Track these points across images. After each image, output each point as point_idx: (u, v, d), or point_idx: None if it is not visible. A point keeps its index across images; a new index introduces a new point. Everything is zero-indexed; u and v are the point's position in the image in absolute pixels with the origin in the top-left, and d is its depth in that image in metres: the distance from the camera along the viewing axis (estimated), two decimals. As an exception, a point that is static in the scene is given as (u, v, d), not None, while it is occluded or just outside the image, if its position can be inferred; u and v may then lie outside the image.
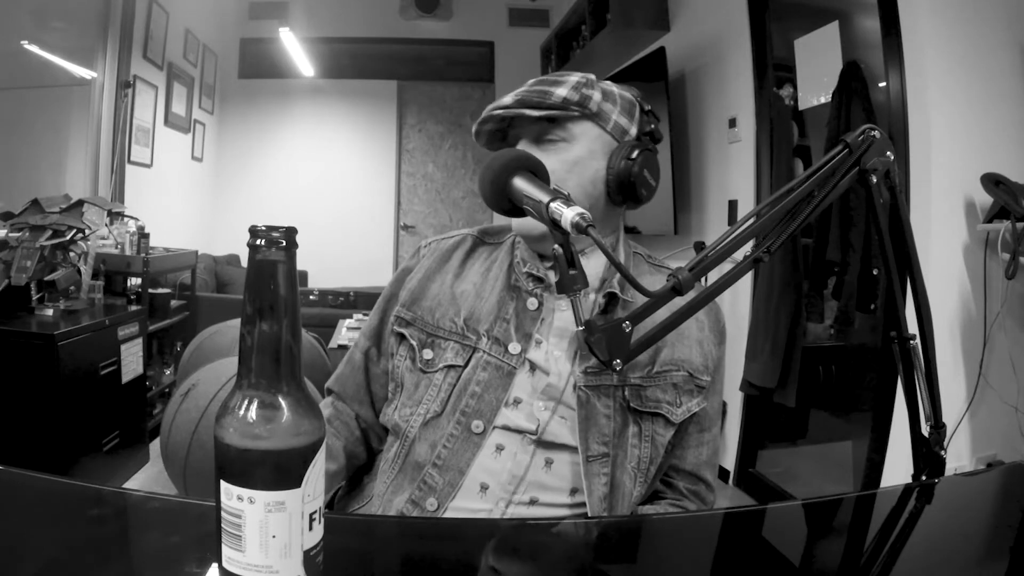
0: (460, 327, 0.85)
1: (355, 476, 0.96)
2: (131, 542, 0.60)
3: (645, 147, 0.84)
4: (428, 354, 0.86)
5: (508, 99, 0.84)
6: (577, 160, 0.83)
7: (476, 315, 0.86)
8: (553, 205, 0.65)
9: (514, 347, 0.83)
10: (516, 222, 0.85)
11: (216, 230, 4.97)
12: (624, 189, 0.83)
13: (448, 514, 0.81)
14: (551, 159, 0.82)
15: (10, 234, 2.33)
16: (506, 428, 0.82)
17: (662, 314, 0.67)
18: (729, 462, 2.84)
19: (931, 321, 0.77)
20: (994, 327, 1.94)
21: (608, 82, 0.88)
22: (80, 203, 2.53)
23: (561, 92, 0.82)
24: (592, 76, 0.86)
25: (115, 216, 2.88)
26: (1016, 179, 1.86)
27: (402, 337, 0.88)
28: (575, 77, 0.84)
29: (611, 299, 0.85)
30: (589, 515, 0.80)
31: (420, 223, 5.55)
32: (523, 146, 0.85)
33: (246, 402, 0.43)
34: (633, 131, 0.86)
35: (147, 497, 0.68)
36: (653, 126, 0.87)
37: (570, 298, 0.64)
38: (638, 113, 0.87)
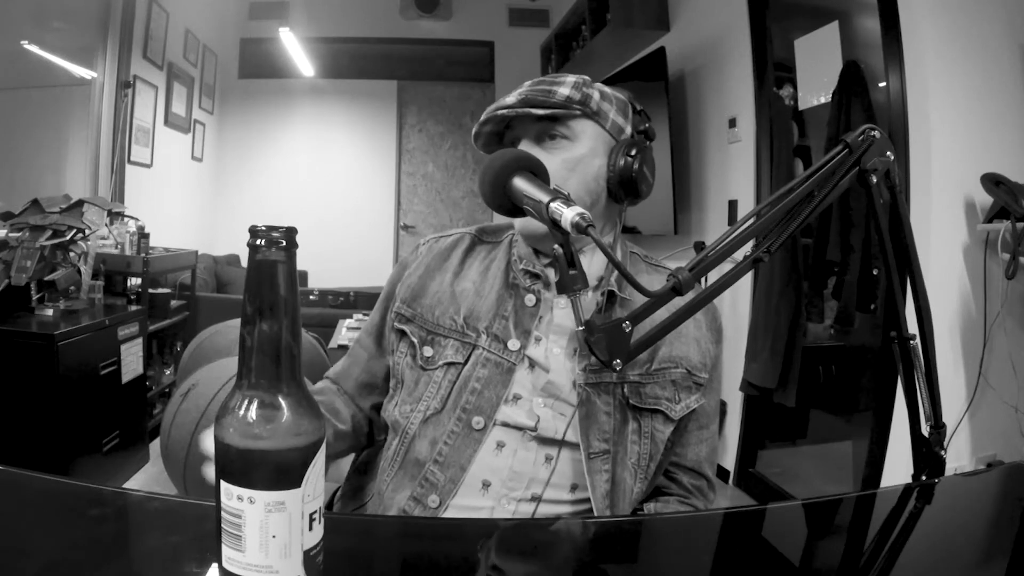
0: (460, 325, 0.86)
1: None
2: (131, 542, 0.60)
3: (642, 145, 0.85)
4: (428, 351, 0.86)
5: (511, 99, 0.84)
6: (580, 159, 0.84)
7: (476, 313, 0.86)
8: (553, 205, 0.66)
9: (513, 344, 0.84)
10: (519, 222, 0.85)
11: (216, 230, 4.97)
12: (625, 185, 0.84)
13: (450, 511, 0.81)
14: (553, 158, 0.83)
15: (10, 234, 2.33)
16: (506, 425, 0.82)
17: (661, 314, 0.67)
18: (729, 462, 2.84)
19: (931, 321, 0.77)
20: (994, 327, 1.94)
21: (600, 84, 0.89)
22: (80, 203, 2.53)
23: (564, 91, 0.83)
24: (587, 77, 0.87)
25: (115, 216, 2.87)
26: (1016, 179, 1.86)
27: (402, 334, 0.89)
28: (572, 77, 0.85)
29: (609, 297, 0.86)
30: (593, 512, 0.80)
31: (420, 223, 5.54)
32: (524, 146, 0.85)
33: (246, 402, 0.43)
34: (628, 130, 0.88)
35: (147, 497, 0.68)
36: (647, 125, 0.88)
37: (570, 298, 0.64)
38: (631, 112, 0.89)
